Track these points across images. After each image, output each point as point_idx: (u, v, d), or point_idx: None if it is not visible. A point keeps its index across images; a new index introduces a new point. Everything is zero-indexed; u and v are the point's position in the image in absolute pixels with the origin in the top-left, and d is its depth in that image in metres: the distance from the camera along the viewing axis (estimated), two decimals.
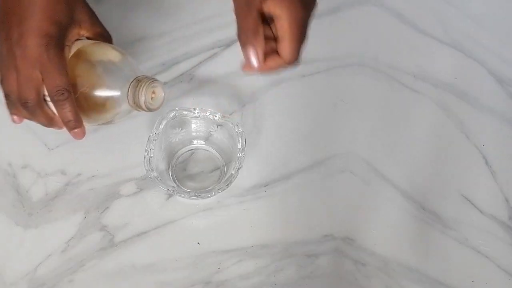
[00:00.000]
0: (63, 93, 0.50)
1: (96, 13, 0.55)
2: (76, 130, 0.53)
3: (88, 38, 0.55)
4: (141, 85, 0.52)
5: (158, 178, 0.59)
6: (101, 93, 0.52)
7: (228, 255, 0.61)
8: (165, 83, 0.70)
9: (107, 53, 0.53)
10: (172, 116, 0.61)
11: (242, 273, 0.61)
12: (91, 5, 0.74)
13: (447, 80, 0.73)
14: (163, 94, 0.54)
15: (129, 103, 0.53)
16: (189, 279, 0.60)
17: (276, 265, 0.61)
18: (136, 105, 0.53)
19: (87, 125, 0.54)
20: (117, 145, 0.65)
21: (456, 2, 0.78)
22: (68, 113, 0.51)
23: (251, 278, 0.60)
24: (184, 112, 0.62)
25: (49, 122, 0.54)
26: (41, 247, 0.61)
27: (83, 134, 0.54)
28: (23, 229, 0.61)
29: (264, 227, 0.63)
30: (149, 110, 0.53)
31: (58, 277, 0.59)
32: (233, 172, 0.59)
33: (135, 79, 0.53)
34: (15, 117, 0.55)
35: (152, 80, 0.53)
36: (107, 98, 0.53)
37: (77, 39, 0.54)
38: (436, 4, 0.78)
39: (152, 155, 0.60)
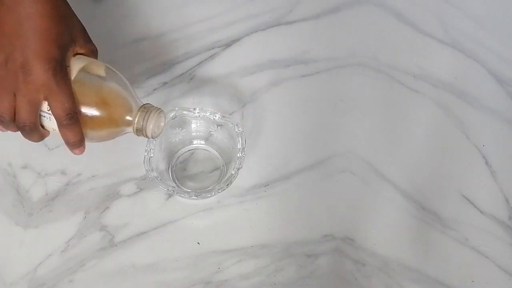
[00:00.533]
0: (72, 117, 0.50)
1: (96, 13, 0.55)
2: (78, 149, 0.53)
3: (79, 53, 0.54)
4: (149, 114, 0.53)
5: (158, 178, 0.59)
6: (105, 116, 0.52)
7: (228, 255, 0.61)
8: (165, 83, 0.70)
9: (107, 75, 0.53)
10: (172, 116, 0.61)
11: (242, 273, 0.61)
12: (91, 5, 0.74)
13: (447, 80, 0.73)
14: (163, 124, 0.56)
15: (133, 129, 0.53)
16: (189, 279, 0.60)
17: (276, 265, 0.61)
18: (140, 132, 0.53)
19: None
20: (117, 145, 0.65)
21: (456, 2, 0.78)
22: (75, 136, 0.52)
23: (251, 278, 0.60)
24: (184, 112, 0.62)
25: (41, 139, 0.54)
26: (41, 247, 0.61)
27: (84, 150, 0.54)
28: (23, 229, 0.61)
29: (264, 227, 0.63)
30: (152, 137, 0.54)
31: (58, 277, 0.59)
32: (233, 172, 0.59)
33: (142, 106, 0.53)
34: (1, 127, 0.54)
35: (159, 110, 0.54)
36: (111, 121, 0.53)
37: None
38: (436, 4, 0.78)
39: (152, 155, 0.60)
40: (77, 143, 0.52)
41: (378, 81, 0.72)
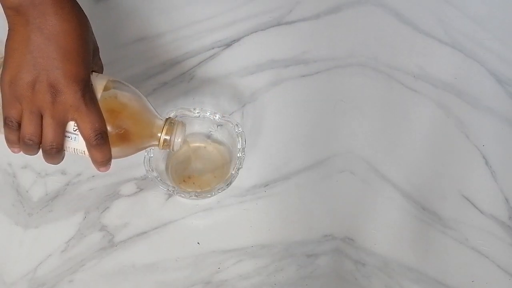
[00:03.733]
0: (102, 137, 0.49)
1: (96, 13, 0.55)
2: (104, 168, 0.52)
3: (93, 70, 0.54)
4: (176, 128, 0.53)
5: (158, 178, 0.59)
6: (133, 132, 0.52)
7: (228, 255, 0.61)
8: (165, 83, 0.70)
9: (127, 91, 0.53)
10: (172, 116, 0.61)
11: (242, 273, 0.61)
12: (91, 4, 0.74)
13: (447, 80, 0.73)
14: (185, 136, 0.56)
15: (159, 143, 0.53)
16: (189, 279, 0.60)
17: (276, 265, 0.61)
18: (166, 145, 0.54)
19: None
20: None
21: (456, 2, 0.78)
22: (104, 155, 0.51)
23: (251, 278, 0.60)
24: (184, 112, 0.62)
25: (60, 161, 0.52)
26: (41, 247, 0.61)
27: (110, 167, 0.53)
28: (23, 229, 0.61)
29: (264, 227, 0.63)
30: (175, 150, 0.55)
31: (58, 277, 0.59)
32: (233, 172, 0.59)
33: (168, 121, 0.54)
34: (16, 150, 0.52)
35: (183, 123, 0.54)
36: (138, 137, 0.53)
37: None
38: (436, 4, 0.78)
39: (152, 155, 0.60)
40: (105, 163, 0.51)
41: (378, 81, 0.72)
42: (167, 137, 0.53)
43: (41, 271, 0.60)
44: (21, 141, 0.50)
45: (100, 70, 0.55)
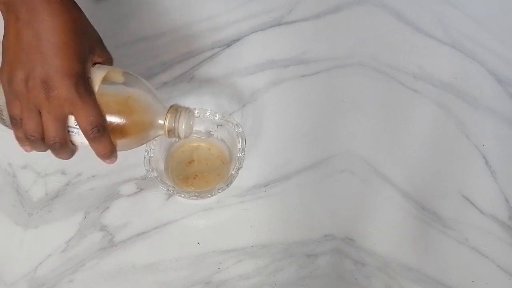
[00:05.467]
0: (99, 130, 0.49)
1: (96, 13, 0.55)
2: (109, 160, 0.52)
3: (96, 63, 0.53)
4: (180, 115, 0.52)
5: (158, 178, 0.59)
6: (135, 123, 0.51)
7: (228, 255, 0.61)
8: (165, 83, 0.70)
9: (129, 81, 0.52)
10: None
11: (242, 273, 0.61)
12: (91, 5, 0.74)
13: (447, 80, 0.73)
14: (193, 122, 0.55)
15: (165, 131, 0.53)
16: (189, 279, 0.60)
17: (276, 265, 0.61)
18: (172, 133, 0.53)
19: None
20: None
21: (456, 2, 0.78)
22: (105, 148, 0.51)
23: (251, 278, 0.60)
24: None
25: (71, 156, 0.53)
26: (41, 247, 0.61)
27: (116, 160, 0.53)
28: (23, 229, 0.61)
29: (264, 227, 0.63)
30: (184, 137, 0.53)
31: (58, 277, 0.59)
32: (233, 172, 0.59)
33: (171, 107, 0.53)
34: (27, 147, 0.53)
35: (188, 109, 0.53)
36: (140, 127, 0.52)
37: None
38: (436, 4, 0.78)
39: (152, 155, 0.60)
40: (108, 155, 0.51)
41: (378, 81, 0.72)
42: (171, 125, 0.52)
43: (41, 271, 0.60)
44: (26, 138, 0.50)
45: (106, 62, 0.54)
